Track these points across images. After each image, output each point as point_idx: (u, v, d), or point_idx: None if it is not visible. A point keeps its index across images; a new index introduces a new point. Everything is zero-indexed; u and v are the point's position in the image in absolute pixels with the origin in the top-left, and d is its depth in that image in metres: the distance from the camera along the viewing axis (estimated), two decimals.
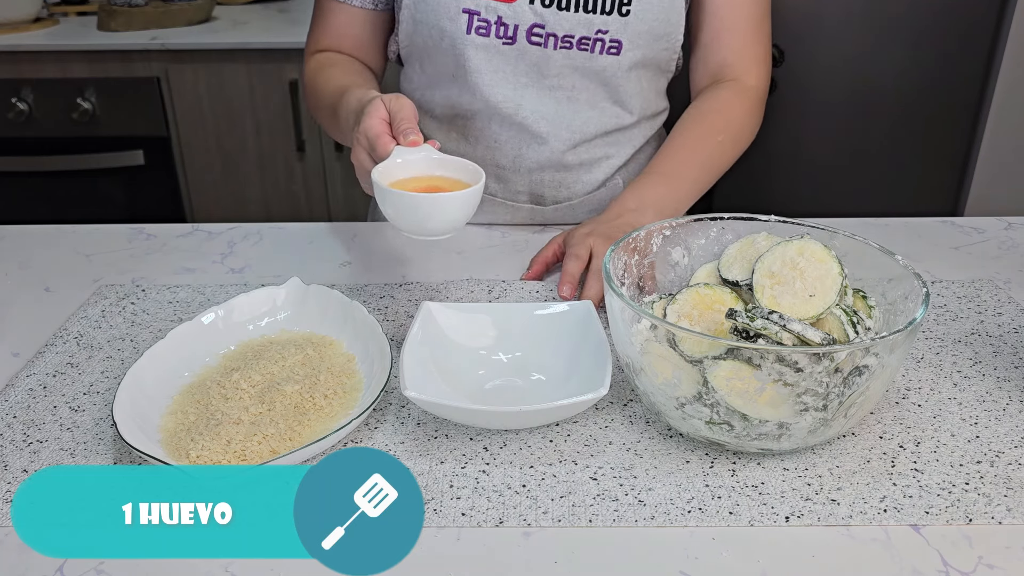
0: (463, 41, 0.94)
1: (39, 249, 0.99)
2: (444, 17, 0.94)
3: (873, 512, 0.58)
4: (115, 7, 2.09)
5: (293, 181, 2.12)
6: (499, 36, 0.94)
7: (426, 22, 0.96)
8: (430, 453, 0.64)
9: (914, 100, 1.93)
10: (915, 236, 1.01)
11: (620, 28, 0.94)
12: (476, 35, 0.94)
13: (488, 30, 0.94)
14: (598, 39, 0.95)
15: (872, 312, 0.67)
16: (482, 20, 0.93)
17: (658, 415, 0.66)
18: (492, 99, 0.98)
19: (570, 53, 0.95)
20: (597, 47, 0.95)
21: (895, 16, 1.86)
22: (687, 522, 0.57)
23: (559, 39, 0.94)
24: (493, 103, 0.98)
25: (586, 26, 0.94)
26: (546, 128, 1.00)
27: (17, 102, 1.99)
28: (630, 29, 0.94)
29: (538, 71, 0.97)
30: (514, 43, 0.94)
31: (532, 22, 0.93)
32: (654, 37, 0.97)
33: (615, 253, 0.69)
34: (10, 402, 0.70)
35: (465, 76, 0.97)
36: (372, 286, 0.90)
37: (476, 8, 0.93)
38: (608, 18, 0.93)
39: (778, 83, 1.91)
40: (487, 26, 0.93)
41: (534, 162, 1.02)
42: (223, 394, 0.67)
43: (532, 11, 0.93)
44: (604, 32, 0.94)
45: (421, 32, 0.97)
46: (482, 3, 0.93)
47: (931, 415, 0.68)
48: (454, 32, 0.94)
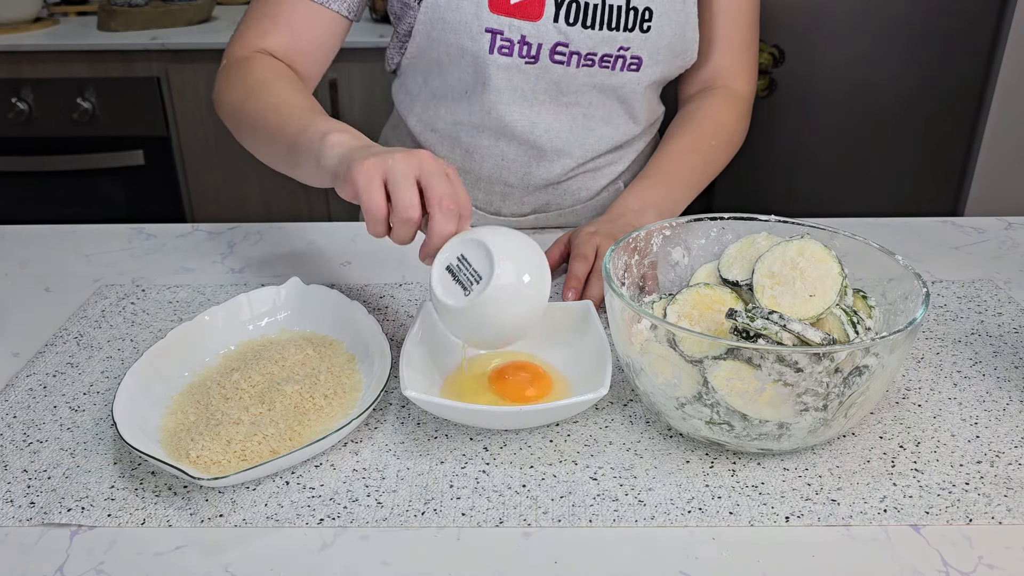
0: (485, 60, 0.92)
1: (39, 249, 0.98)
2: (465, 36, 0.92)
3: (873, 512, 0.58)
4: (115, 7, 2.09)
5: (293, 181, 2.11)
6: (522, 56, 0.93)
7: (444, 40, 0.93)
8: (430, 453, 0.64)
9: (914, 100, 1.93)
10: (915, 236, 1.01)
11: (641, 44, 0.94)
12: (499, 55, 0.92)
13: (511, 49, 0.92)
14: (620, 56, 0.94)
15: (872, 312, 0.67)
16: (505, 40, 0.91)
17: (658, 415, 0.66)
18: (507, 117, 0.97)
19: (591, 71, 0.95)
20: (619, 64, 0.95)
21: (895, 16, 1.86)
22: (687, 522, 0.57)
23: (582, 57, 0.93)
24: (508, 121, 0.97)
25: (609, 43, 0.93)
26: (559, 145, 1.00)
27: (17, 102, 1.99)
28: (650, 45, 0.95)
29: (557, 89, 0.96)
30: (536, 62, 0.93)
31: (556, 40, 0.92)
32: (673, 53, 0.97)
33: (615, 253, 0.69)
34: (10, 402, 0.70)
35: (483, 94, 0.95)
36: (372, 286, 0.90)
37: (499, 28, 0.91)
38: (630, 35, 0.93)
39: (778, 83, 1.91)
40: (510, 45, 0.92)
41: (542, 179, 1.02)
42: (223, 394, 0.67)
43: (557, 29, 0.92)
44: (626, 49, 0.94)
45: (436, 49, 0.95)
46: (505, 22, 0.91)
47: (931, 415, 0.68)
48: (476, 51, 0.92)
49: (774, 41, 1.89)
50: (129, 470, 0.62)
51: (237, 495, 0.59)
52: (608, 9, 0.92)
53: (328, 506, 0.58)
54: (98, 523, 0.57)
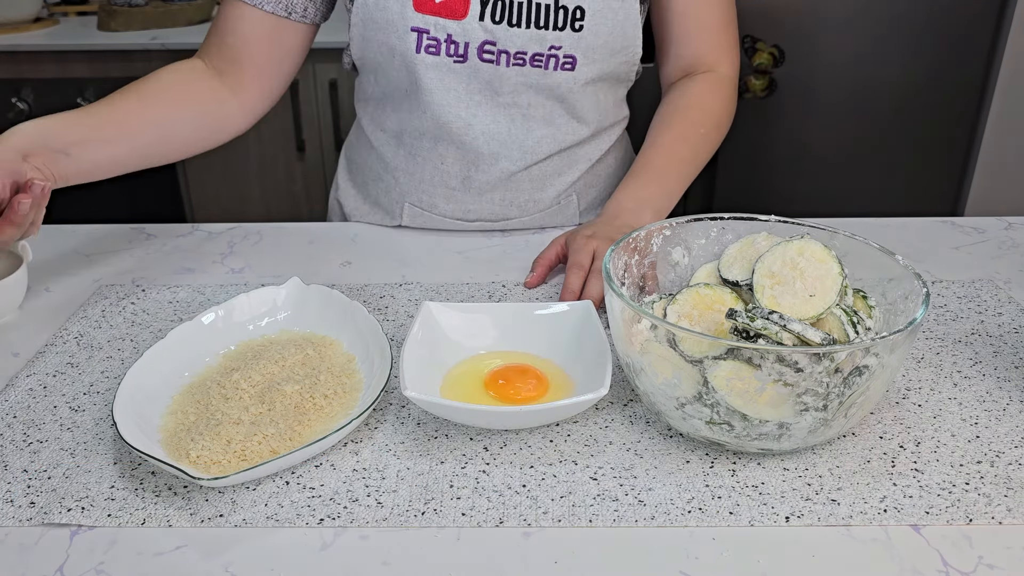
0: (413, 60, 0.92)
1: (39, 249, 0.98)
2: (393, 36, 0.92)
3: (873, 512, 0.58)
4: (115, 7, 2.09)
5: (293, 181, 2.12)
6: (449, 54, 0.92)
7: (375, 39, 0.94)
8: (430, 453, 0.64)
9: (914, 100, 1.93)
10: (915, 236, 1.01)
11: (574, 43, 0.92)
12: (426, 54, 0.92)
13: (438, 48, 0.92)
14: (552, 55, 0.93)
15: (872, 312, 0.67)
16: (431, 39, 0.91)
17: (658, 415, 0.66)
18: (443, 118, 0.96)
19: (523, 70, 0.93)
20: (551, 63, 0.93)
21: (895, 16, 1.86)
22: (687, 522, 0.57)
23: (511, 56, 0.92)
24: (444, 122, 0.96)
25: (539, 42, 0.92)
26: (496, 148, 0.98)
27: (17, 102, 1.99)
28: (584, 44, 0.93)
29: (491, 89, 0.95)
30: (465, 61, 0.92)
31: (483, 39, 0.91)
32: (610, 52, 0.95)
33: (615, 253, 0.69)
34: (10, 402, 0.70)
35: (417, 94, 0.95)
36: (372, 286, 0.90)
37: (425, 26, 0.90)
38: (561, 34, 0.91)
39: (778, 83, 1.91)
40: (436, 44, 0.91)
41: (483, 183, 1.01)
42: (223, 394, 0.67)
43: (482, 28, 0.91)
44: (557, 48, 0.92)
45: (371, 48, 0.95)
46: (431, 21, 0.90)
47: (931, 415, 0.68)
48: (404, 51, 0.92)
49: (774, 41, 1.89)
50: (129, 470, 0.62)
51: (237, 495, 0.59)
52: (535, 8, 0.90)
53: (328, 506, 0.58)
54: (98, 523, 0.57)
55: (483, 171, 1.00)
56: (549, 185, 1.03)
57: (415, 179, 1.03)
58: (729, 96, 1.03)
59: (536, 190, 1.03)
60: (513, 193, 1.02)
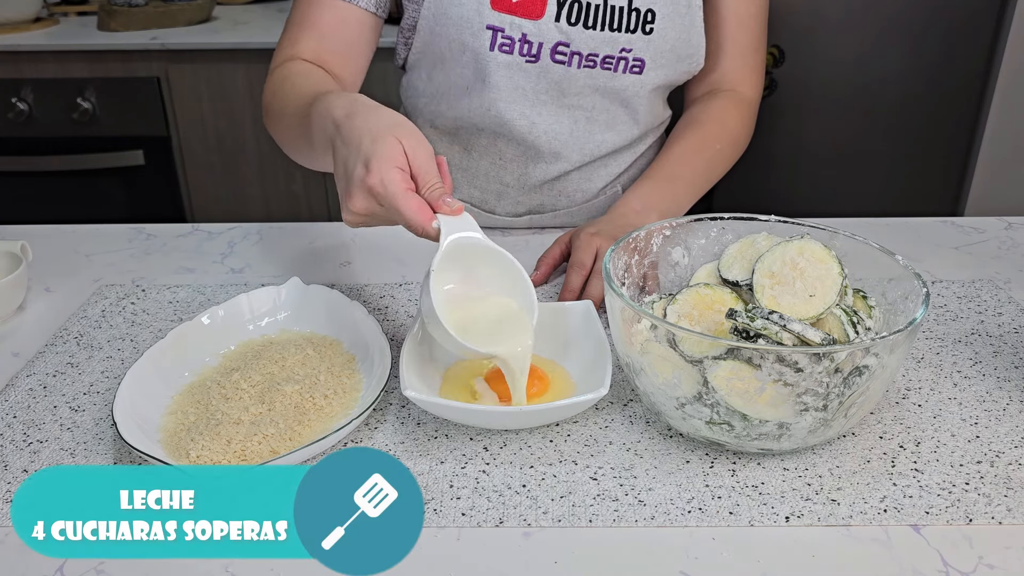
0: (486, 57, 0.93)
1: (39, 249, 0.98)
2: (466, 32, 0.92)
3: (873, 512, 0.58)
4: (115, 7, 2.09)
5: (293, 181, 2.12)
6: (523, 54, 0.93)
7: (446, 35, 0.94)
8: (430, 453, 0.64)
9: (914, 100, 1.93)
10: (915, 236, 1.01)
11: (644, 46, 0.94)
12: (499, 52, 0.92)
13: (512, 47, 0.92)
14: (622, 57, 0.94)
15: (872, 312, 0.67)
16: (506, 37, 0.92)
17: (658, 415, 0.66)
18: (507, 116, 0.96)
19: (593, 72, 0.95)
20: (620, 66, 0.95)
21: (895, 15, 1.85)
22: (687, 522, 0.57)
23: (583, 58, 0.93)
24: (507, 120, 0.97)
25: (611, 44, 0.93)
26: (557, 148, 1.00)
27: (17, 102, 1.99)
28: (653, 47, 0.94)
29: (559, 89, 0.96)
30: (537, 61, 0.93)
31: (557, 40, 0.92)
32: (677, 58, 0.97)
33: (615, 253, 0.69)
34: (10, 402, 0.70)
35: (483, 91, 0.95)
36: (372, 286, 0.90)
37: (500, 25, 0.91)
38: (632, 36, 0.93)
39: (778, 83, 1.91)
40: (511, 43, 0.92)
41: (539, 180, 1.03)
42: (223, 394, 0.67)
43: (558, 29, 0.92)
44: (628, 51, 0.94)
45: (439, 44, 0.95)
46: (507, 20, 0.91)
47: (931, 415, 0.68)
48: (477, 48, 0.92)
49: (774, 41, 1.89)
50: None
51: None
52: (610, 9, 0.92)
53: None
54: None
55: (540, 168, 1.02)
56: (598, 177, 1.05)
57: (467, 174, 1.04)
58: (748, 117, 1.05)
59: (585, 182, 1.05)
60: (562, 184, 1.04)
